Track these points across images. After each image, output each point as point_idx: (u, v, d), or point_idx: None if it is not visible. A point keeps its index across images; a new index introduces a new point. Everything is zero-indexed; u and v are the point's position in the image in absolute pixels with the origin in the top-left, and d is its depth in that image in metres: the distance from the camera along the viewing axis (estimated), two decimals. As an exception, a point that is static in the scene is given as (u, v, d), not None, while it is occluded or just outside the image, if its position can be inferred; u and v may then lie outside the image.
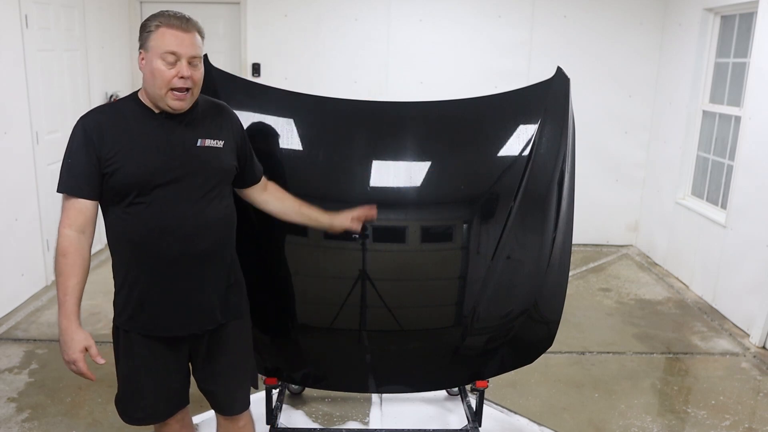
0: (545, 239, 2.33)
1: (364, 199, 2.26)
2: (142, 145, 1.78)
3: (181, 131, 1.83)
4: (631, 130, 5.70)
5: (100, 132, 1.76)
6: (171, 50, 1.73)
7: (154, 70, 1.74)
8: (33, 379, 3.26)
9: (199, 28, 1.82)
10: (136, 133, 1.79)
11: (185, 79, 1.75)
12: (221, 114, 1.96)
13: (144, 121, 1.81)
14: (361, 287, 2.32)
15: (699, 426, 3.03)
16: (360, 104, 2.47)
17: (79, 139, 1.77)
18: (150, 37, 1.75)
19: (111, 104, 1.89)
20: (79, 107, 4.91)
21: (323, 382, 2.60)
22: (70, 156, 1.79)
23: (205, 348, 1.96)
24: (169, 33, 1.74)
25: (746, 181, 4.15)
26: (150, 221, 1.79)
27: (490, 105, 2.51)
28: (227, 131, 1.93)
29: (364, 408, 3.08)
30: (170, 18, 1.76)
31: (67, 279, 1.81)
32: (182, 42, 1.75)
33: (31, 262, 4.33)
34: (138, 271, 1.84)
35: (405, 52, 5.57)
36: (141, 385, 1.93)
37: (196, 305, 1.89)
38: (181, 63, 1.74)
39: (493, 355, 2.43)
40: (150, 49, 1.75)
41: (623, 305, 4.52)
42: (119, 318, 1.91)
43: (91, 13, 5.00)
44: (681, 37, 5.15)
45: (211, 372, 2.00)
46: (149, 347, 1.90)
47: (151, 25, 1.76)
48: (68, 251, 1.81)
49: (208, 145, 1.86)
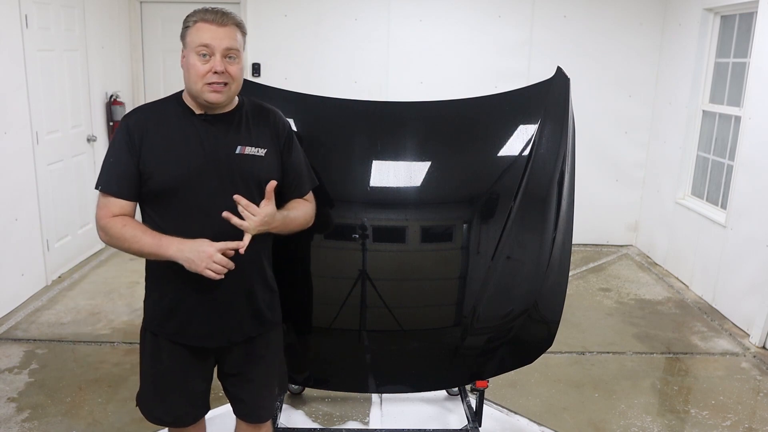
0: (545, 239, 2.32)
1: (364, 198, 2.26)
2: (181, 149, 1.76)
3: (222, 135, 1.79)
4: (630, 130, 5.70)
5: (142, 133, 1.75)
6: (204, 43, 1.71)
7: (189, 65, 1.73)
8: (33, 379, 3.26)
9: (238, 21, 1.77)
10: (176, 136, 1.77)
11: (219, 73, 1.72)
12: (268, 121, 1.89)
13: (185, 123, 1.78)
14: (361, 287, 2.31)
15: (699, 426, 3.03)
16: (360, 104, 2.47)
17: (121, 138, 1.75)
18: (187, 32, 1.75)
19: (154, 104, 1.86)
20: (79, 107, 4.92)
21: (324, 382, 2.60)
22: (112, 155, 1.76)
23: (236, 357, 1.93)
24: (204, 27, 1.72)
25: (746, 181, 4.15)
26: (185, 227, 1.74)
27: (490, 105, 2.51)
28: (272, 140, 1.86)
29: (364, 408, 3.08)
30: (206, 13, 1.74)
31: (143, 232, 1.72)
32: (216, 35, 1.72)
33: (31, 262, 4.33)
34: (171, 278, 1.79)
35: (405, 52, 5.57)
36: (168, 389, 1.92)
37: (228, 317, 1.85)
38: (215, 57, 1.72)
39: (493, 355, 2.43)
40: (187, 44, 1.75)
41: (623, 305, 4.52)
42: (149, 321, 1.89)
43: (91, 13, 5.00)
44: (681, 37, 5.15)
45: (241, 381, 1.97)
46: (176, 354, 1.87)
47: (189, 21, 1.75)
48: (123, 222, 1.73)
49: (248, 152, 1.80)
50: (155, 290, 1.87)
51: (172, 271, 1.75)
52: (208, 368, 1.95)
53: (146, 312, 1.90)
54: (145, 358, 1.93)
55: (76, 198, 4.90)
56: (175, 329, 1.85)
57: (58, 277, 4.66)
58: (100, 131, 5.23)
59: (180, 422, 1.97)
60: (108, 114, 5.32)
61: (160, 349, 1.88)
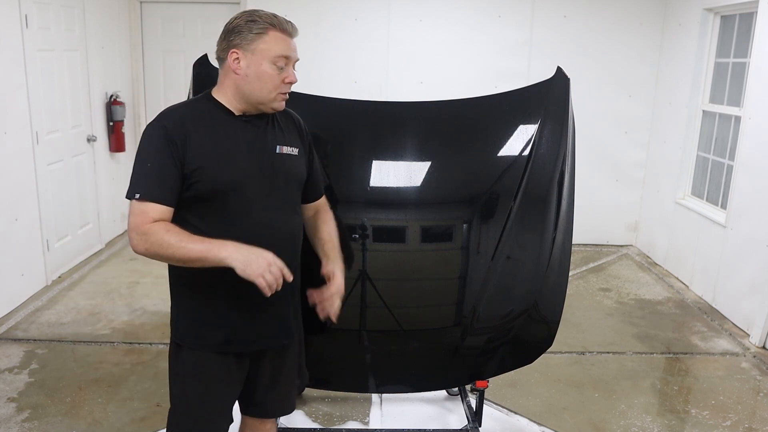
0: (545, 239, 2.32)
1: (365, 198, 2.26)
2: (229, 149, 1.71)
3: (263, 135, 1.77)
4: (630, 130, 5.70)
5: (184, 134, 1.66)
6: (284, 54, 1.70)
7: (263, 74, 1.69)
8: (33, 379, 3.26)
9: (298, 32, 1.79)
10: (221, 137, 1.71)
11: (292, 83, 1.74)
12: (293, 121, 1.90)
13: (227, 123, 1.73)
14: (361, 287, 2.32)
15: (699, 426, 3.03)
16: (360, 104, 2.47)
17: (160, 141, 1.64)
18: (258, 39, 1.68)
19: (187, 104, 1.80)
20: (79, 107, 4.92)
21: (324, 382, 2.60)
22: (148, 159, 1.65)
23: (269, 360, 1.90)
24: (281, 37, 1.70)
25: (746, 181, 4.15)
26: (237, 232, 1.67)
27: (490, 105, 2.51)
28: (300, 139, 1.88)
29: (364, 408, 3.08)
30: (280, 20, 1.71)
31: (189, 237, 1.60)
32: (292, 46, 1.73)
33: (31, 262, 4.33)
34: (219, 285, 1.71)
35: (405, 52, 5.57)
36: (217, 406, 1.85)
37: (278, 318, 1.84)
38: (289, 68, 1.72)
39: (493, 355, 2.43)
40: (258, 51, 1.68)
41: (623, 305, 4.52)
42: (185, 336, 1.80)
43: (91, 13, 5.00)
44: (681, 37, 5.15)
45: (272, 384, 1.94)
46: (225, 365, 1.81)
47: (256, 27, 1.68)
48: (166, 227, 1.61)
49: (286, 152, 1.80)
50: (195, 302, 1.78)
51: (221, 279, 1.66)
52: (244, 375, 1.88)
53: (179, 326, 1.81)
54: (185, 378, 1.82)
55: (76, 198, 4.90)
56: (225, 338, 1.78)
57: (58, 277, 4.66)
58: (100, 131, 5.23)
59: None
60: (108, 114, 5.32)
61: (206, 364, 1.79)
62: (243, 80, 1.71)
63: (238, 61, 1.70)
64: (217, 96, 1.76)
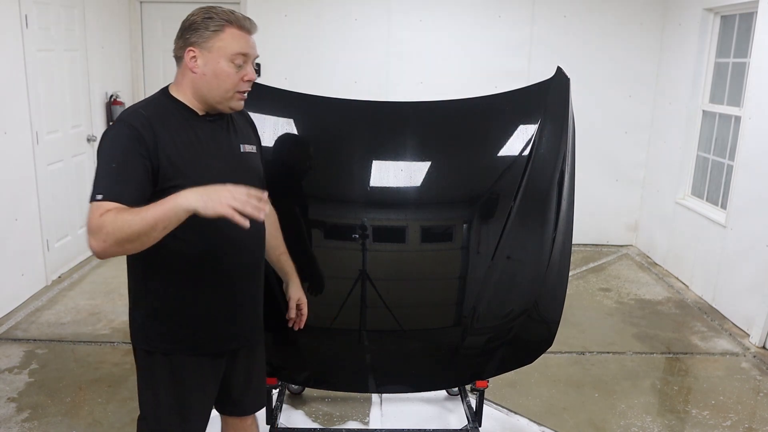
0: (545, 239, 2.32)
1: (364, 198, 2.26)
2: (200, 150, 1.67)
3: (226, 135, 1.75)
4: (631, 130, 5.70)
5: (154, 133, 1.59)
6: (243, 52, 1.65)
7: (220, 72, 1.64)
8: (33, 379, 3.26)
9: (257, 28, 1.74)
10: (190, 137, 1.66)
11: (250, 82, 1.69)
12: (246, 119, 1.90)
13: (194, 124, 1.69)
14: (361, 287, 2.32)
15: (699, 426, 3.03)
16: (360, 104, 2.47)
17: (127, 140, 1.57)
18: (215, 36, 1.63)
19: (148, 103, 1.71)
20: (79, 107, 4.92)
21: (324, 382, 2.60)
22: (113, 159, 1.56)
23: (242, 359, 1.90)
24: (239, 34, 1.65)
25: (746, 181, 4.15)
26: (215, 233, 1.66)
27: (490, 105, 2.51)
28: (254, 137, 1.89)
29: (364, 408, 3.08)
30: (237, 17, 1.65)
31: (143, 209, 1.46)
32: (250, 43, 1.67)
33: (31, 262, 4.33)
34: (194, 288, 1.69)
35: (405, 52, 5.57)
36: (194, 410, 1.81)
37: (250, 316, 1.85)
38: (247, 66, 1.67)
39: (493, 355, 2.43)
40: (214, 49, 1.63)
41: (623, 305, 4.52)
42: (155, 340, 1.74)
43: (91, 13, 5.00)
44: (681, 37, 5.15)
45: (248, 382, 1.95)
46: (199, 367, 1.78)
47: (213, 23, 1.63)
48: (117, 210, 1.48)
49: (248, 150, 1.80)
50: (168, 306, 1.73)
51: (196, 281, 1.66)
52: (221, 374, 1.87)
53: (149, 333, 1.74)
54: (159, 384, 1.77)
55: (76, 198, 4.89)
56: (201, 338, 1.75)
57: (58, 277, 4.66)
58: (100, 131, 5.22)
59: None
60: (108, 114, 5.32)
61: (181, 368, 1.75)
62: (200, 79, 1.66)
63: (195, 59, 1.65)
64: (177, 95, 1.71)
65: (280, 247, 2.05)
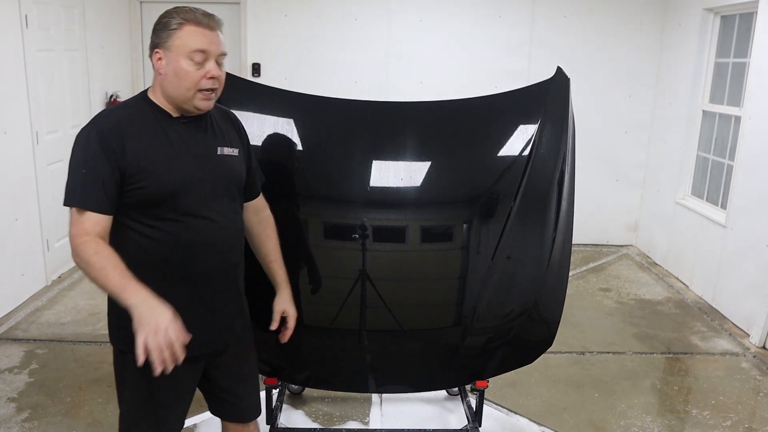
0: (545, 239, 2.32)
1: (364, 198, 2.26)
2: (169, 152, 1.66)
3: (202, 138, 1.74)
4: (631, 130, 5.70)
5: (121, 138, 1.61)
6: (200, 48, 1.62)
7: (180, 71, 1.63)
8: (33, 379, 3.26)
9: (222, 24, 1.71)
10: (161, 140, 1.66)
11: (214, 79, 1.66)
12: (231, 121, 1.87)
13: (165, 126, 1.68)
14: (361, 287, 2.31)
15: (699, 426, 3.03)
16: (360, 104, 2.47)
17: (94, 145, 1.59)
18: (173, 35, 1.62)
19: (121, 107, 1.73)
20: (79, 107, 4.91)
21: (324, 382, 2.60)
22: (84, 165, 1.59)
23: (229, 358, 1.89)
24: (197, 31, 1.63)
25: (746, 181, 4.15)
26: (184, 235, 1.67)
27: (490, 105, 2.51)
28: (238, 140, 1.85)
29: (364, 408, 3.08)
30: (195, 14, 1.64)
31: (113, 268, 1.54)
32: (210, 40, 1.64)
33: (31, 262, 4.33)
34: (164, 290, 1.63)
35: (405, 52, 5.57)
36: (167, 414, 1.81)
37: (225, 319, 1.83)
38: (209, 62, 1.65)
39: (493, 355, 2.43)
40: (173, 48, 1.62)
41: (623, 305, 4.52)
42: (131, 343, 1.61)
43: (91, 13, 5.00)
44: (681, 37, 5.15)
45: (236, 381, 1.95)
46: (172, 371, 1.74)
47: (173, 22, 1.63)
48: (96, 249, 1.57)
49: (227, 153, 1.77)
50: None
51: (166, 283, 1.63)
52: (198, 378, 1.88)
53: (122, 333, 1.68)
54: (132, 383, 1.76)
55: (76, 198, 4.89)
56: None
57: (58, 277, 4.66)
58: (100, 131, 5.22)
59: None
60: (108, 114, 5.32)
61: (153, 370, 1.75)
62: (165, 79, 1.66)
63: (161, 60, 1.65)
64: (153, 98, 1.71)
65: (271, 254, 2.01)
